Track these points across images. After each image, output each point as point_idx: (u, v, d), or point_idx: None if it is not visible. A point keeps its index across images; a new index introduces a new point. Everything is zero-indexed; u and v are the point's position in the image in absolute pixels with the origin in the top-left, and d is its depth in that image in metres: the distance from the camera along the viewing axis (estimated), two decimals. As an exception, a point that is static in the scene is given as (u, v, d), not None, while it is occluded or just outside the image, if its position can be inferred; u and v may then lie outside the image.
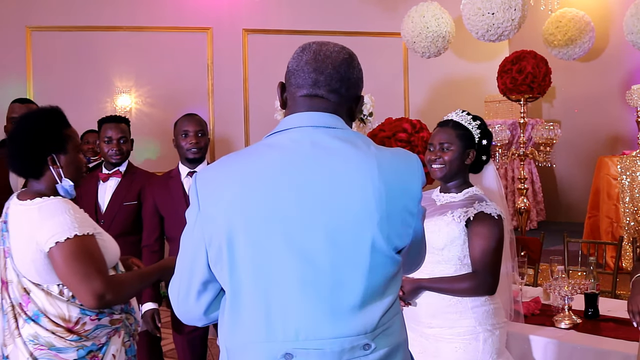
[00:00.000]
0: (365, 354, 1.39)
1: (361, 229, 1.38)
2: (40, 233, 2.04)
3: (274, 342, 1.37)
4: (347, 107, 1.52)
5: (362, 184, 1.38)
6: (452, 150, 2.50)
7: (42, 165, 2.16)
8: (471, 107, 3.12)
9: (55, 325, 2.06)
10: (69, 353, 2.07)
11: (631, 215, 5.65)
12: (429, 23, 6.57)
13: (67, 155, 2.19)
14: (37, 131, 2.16)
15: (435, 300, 2.44)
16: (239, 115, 7.64)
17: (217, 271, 1.43)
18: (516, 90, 6.05)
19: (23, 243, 2.08)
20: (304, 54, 1.50)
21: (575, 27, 7.08)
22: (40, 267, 2.06)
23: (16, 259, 2.10)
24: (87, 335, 2.10)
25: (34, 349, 2.06)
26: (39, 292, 2.08)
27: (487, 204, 2.42)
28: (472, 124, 2.54)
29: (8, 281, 2.13)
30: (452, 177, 2.54)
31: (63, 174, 2.17)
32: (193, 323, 1.55)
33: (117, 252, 2.23)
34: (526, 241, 4.52)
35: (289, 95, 1.53)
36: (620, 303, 3.43)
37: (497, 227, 2.40)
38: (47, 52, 7.08)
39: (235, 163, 1.44)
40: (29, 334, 2.07)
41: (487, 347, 2.39)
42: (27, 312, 2.08)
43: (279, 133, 1.47)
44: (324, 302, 1.37)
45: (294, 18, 7.69)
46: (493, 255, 2.39)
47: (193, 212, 1.44)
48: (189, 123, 3.33)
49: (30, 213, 2.08)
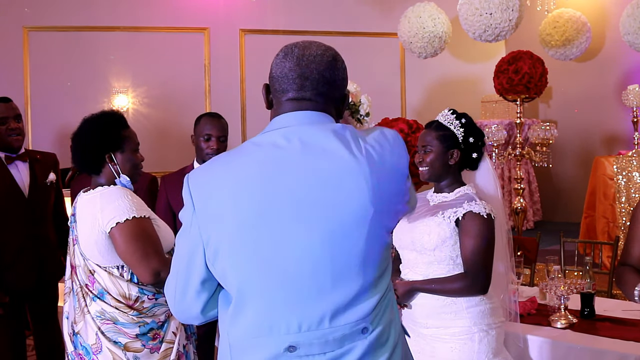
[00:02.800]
0: (364, 336, 1.42)
1: (357, 221, 1.40)
2: (102, 215, 2.28)
3: (277, 336, 1.39)
4: (334, 107, 1.54)
5: (354, 178, 1.40)
6: (433, 151, 2.51)
7: (100, 162, 2.41)
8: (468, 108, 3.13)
9: (117, 302, 2.29)
10: (132, 328, 2.30)
11: (627, 215, 5.66)
12: (426, 23, 6.58)
13: (123, 153, 2.43)
14: (96, 132, 2.41)
15: (430, 301, 2.44)
16: (236, 115, 7.64)
17: (215, 270, 1.44)
18: (513, 90, 6.06)
19: (88, 227, 2.31)
20: (286, 60, 1.49)
21: (572, 28, 7.09)
22: (102, 248, 2.29)
23: (82, 243, 2.33)
24: (146, 312, 2.32)
25: (101, 324, 2.29)
26: (103, 272, 2.31)
27: (477, 203, 2.42)
28: (455, 123, 2.54)
29: (76, 265, 2.38)
30: (437, 177, 2.54)
31: (120, 170, 2.42)
32: (190, 322, 1.57)
33: (172, 238, 2.43)
34: (522, 241, 4.52)
35: (274, 99, 1.53)
36: (616, 303, 3.45)
37: (486, 226, 2.39)
38: (44, 52, 7.07)
39: (227, 163, 1.45)
40: (95, 310, 2.31)
41: (483, 347, 2.40)
42: (93, 291, 2.32)
43: (269, 132, 1.48)
44: (324, 295, 1.39)
45: (291, 18, 7.70)
46: (483, 254, 2.38)
47: (188, 213, 1.45)
48: (212, 127, 3.27)
49: (94, 200, 2.33)
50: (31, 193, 3.51)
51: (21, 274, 3.46)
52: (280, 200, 1.38)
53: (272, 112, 1.54)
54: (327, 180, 1.39)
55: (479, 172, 2.63)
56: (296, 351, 1.39)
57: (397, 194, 1.47)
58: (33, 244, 3.50)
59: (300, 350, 1.39)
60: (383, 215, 1.43)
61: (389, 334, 1.48)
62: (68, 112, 6.64)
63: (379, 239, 1.43)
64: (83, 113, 2.54)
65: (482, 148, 2.60)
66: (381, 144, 1.47)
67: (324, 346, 1.39)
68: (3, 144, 3.47)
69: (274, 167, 1.40)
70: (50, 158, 3.72)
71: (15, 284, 3.44)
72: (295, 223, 1.38)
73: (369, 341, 1.43)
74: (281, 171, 1.40)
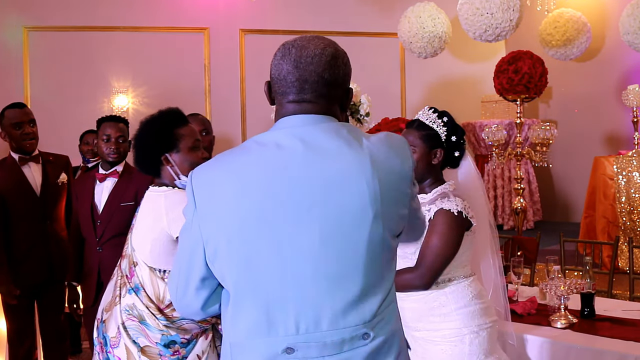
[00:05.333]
0: (364, 343, 1.41)
1: (357, 223, 1.39)
2: (168, 219, 2.24)
3: (275, 337, 1.39)
4: (338, 102, 1.52)
5: (356, 179, 1.39)
6: (416, 152, 2.46)
7: (158, 165, 2.37)
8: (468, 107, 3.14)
9: (150, 301, 2.26)
10: (155, 334, 2.24)
11: (627, 215, 5.66)
12: (426, 23, 6.58)
13: (179, 153, 2.37)
14: (149, 133, 2.38)
15: (419, 305, 2.42)
16: (236, 115, 7.64)
17: (214, 268, 1.44)
18: (512, 90, 6.06)
19: (148, 223, 2.30)
20: (284, 62, 1.46)
21: (573, 28, 7.10)
22: (159, 247, 2.26)
23: (135, 234, 2.33)
24: (173, 322, 2.25)
25: (126, 318, 2.27)
26: (145, 267, 2.28)
27: (449, 200, 2.38)
28: (437, 122, 2.51)
29: (125, 255, 2.39)
30: (420, 178, 2.47)
31: (179, 171, 2.35)
32: (192, 317, 1.59)
33: None
34: (522, 241, 4.53)
35: (276, 99, 1.52)
36: (617, 303, 3.45)
37: (450, 223, 2.35)
38: (44, 52, 7.07)
39: (230, 162, 1.45)
40: (126, 304, 2.29)
41: (474, 348, 2.37)
42: (130, 283, 2.31)
43: (274, 132, 1.47)
44: (323, 296, 1.38)
45: (291, 18, 7.69)
46: (437, 250, 2.33)
47: (190, 210, 1.45)
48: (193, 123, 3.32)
49: (159, 199, 2.32)
50: (43, 192, 3.74)
51: (32, 268, 3.69)
52: (281, 200, 1.38)
53: (275, 110, 1.53)
54: (328, 182, 1.39)
55: (460, 169, 2.59)
56: (294, 353, 1.38)
57: (400, 197, 1.46)
58: (43, 241, 3.73)
59: (299, 352, 1.38)
60: (385, 218, 1.41)
61: (391, 344, 1.46)
62: (68, 112, 6.64)
63: (381, 242, 1.42)
64: (83, 113, 2.56)
65: (464, 145, 2.56)
66: (385, 147, 1.46)
67: (322, 349, 1.38)
68: (18, 147, 3.73)
69: (276, 168, 1.40)
70: (62, 159, 3.95)
71: (26, 278, 3.68)
72: (296, 223, 1.38)
73: (370, 349, 1.41)
74: (283, 172, 1.39)
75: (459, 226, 2.37)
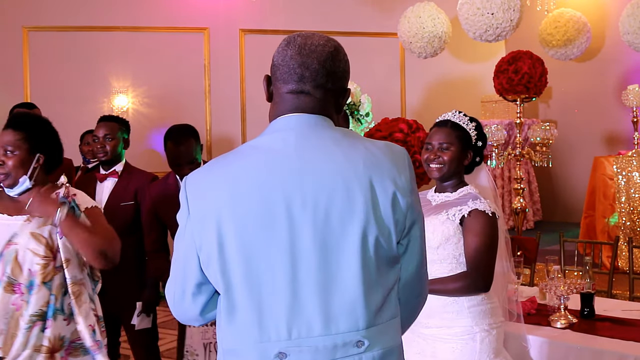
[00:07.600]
0: (358, 351, 1.40)
1: (350, 229, 1.38)
2: None
3: (267, 342, 1.38)
4: (334, 101, 1.52)
5: (349, 184, 1.39)
6: (452, 150, 2.49)
7: None
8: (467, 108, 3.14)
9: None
10: None
11: (627, 215, 5.67)
12: (426, 23, 6.58)
13: None
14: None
15: (431, 301, 2.42)
16: (236, 115, 7.63)
17: (209, 274, 1.43)
18: (512, 90, 6.07)
19: None
20: (288, 48, 1.48)
21: (573, 28, 7.10)
22: None
23: None
24: None
25: None
26: None
27: (481, 202, 2.42)
28: (469, 125, 2.54)
29: None
30: (449, 177, 2.53)
31: None
32: (190, 323, 1.57)
33: None
34: (522, 241, 4.52)
35: (274, 90, 1.52)
36: (616, 303, 3.45)
37: (490, 225, 2.39)
38: (43, 52, 7.06)
39: (224, 167, 1.45)
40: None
41: (484, 346, 2.39)
42: None
43: (267, 135, 1.48)
44: (315, 301, 1.38)
45: (291, 18, 7.68)
46: (486, 253, 2.38)
47: (183, 216, 1.45)
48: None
49: None
50: None
51: None
52: (275, 205, 1.38)
53: (271, 106, 1.53)
54: (322, 187, 1.39)
55: (477, 174, 2.64)
56: (286, 358, 1.38)
57: (395, 204, 1.43)
58: None
59: (291, 357, 1.38)
60: (379, 224, 1.40)
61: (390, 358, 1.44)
62: (67, 112, 6.64)
63: (375, 247, 1.41)
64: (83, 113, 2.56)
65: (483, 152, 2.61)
66: (381, 154, 1.46)
67: (314, 354, 1.38)
68: None
69: (269, 173, 1.40)
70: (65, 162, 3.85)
71: None
72: (289, 228, 1.38)
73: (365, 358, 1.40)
74: (276, 176, 1.39)
75: (496, 227, 2.41)
